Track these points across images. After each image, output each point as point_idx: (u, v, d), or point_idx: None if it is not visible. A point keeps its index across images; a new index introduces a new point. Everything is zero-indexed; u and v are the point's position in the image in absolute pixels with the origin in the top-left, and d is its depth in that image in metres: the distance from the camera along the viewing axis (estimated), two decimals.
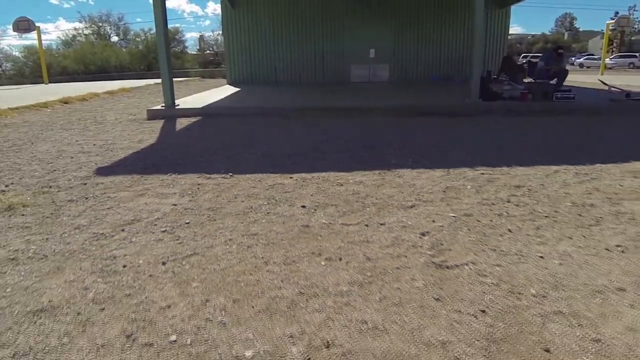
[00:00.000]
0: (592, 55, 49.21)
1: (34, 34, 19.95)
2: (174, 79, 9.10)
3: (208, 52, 48.90)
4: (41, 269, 2.10)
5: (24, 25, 20.03)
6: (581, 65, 45.43)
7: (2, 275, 2.04)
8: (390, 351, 1.48)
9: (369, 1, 17.06)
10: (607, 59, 42.66)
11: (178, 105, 8.69)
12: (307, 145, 5.12)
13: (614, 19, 25.42)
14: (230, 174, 3.85)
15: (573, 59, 50.74)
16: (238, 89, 14.24)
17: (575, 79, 18.46)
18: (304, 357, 1.45)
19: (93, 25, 45.89)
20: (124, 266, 2.11)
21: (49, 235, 2.51)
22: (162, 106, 8.43)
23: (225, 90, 13.52)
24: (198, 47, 50.10)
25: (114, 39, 47.27)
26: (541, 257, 2.22)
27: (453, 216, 2.78)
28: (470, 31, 9.31)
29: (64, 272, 2.06)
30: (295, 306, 1.75)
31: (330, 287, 1.91)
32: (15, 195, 3.28)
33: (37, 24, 19.54)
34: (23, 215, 2.86)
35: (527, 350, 1.50)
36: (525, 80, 12.17)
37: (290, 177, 3.74)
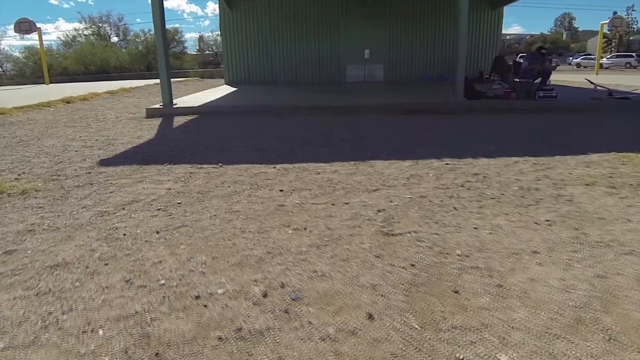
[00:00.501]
0: (590, 55, 49.53)
1: (34, 34, 20.35)
2: (173, 79, 9.54)
3: (207, 52, 49.34)
4: (55, 237, 2.52)
5: (25, 27, 20.43)
6: (578, 65, 45.76)
7: (23, 242, 2.46)
8: (331, 290, 1.90)
9: (364, 1, 17.44)
10: (604, 59, 43.05)
11: (176, 104, 9.10)
12: (295, 141, 5.54)
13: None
14: (220, 164, 4.28)
15: (571, 58, 51.11)
16: (235, 89, 14.66)
17: (566, 78, 18.88)
18: (262, 293, 1.86)
19: (93, 26, 46.35)
20: (124, 234, 2.53)
21: (60, 213, 2.93)
22: (160, 105, 8.84)
23: (223, 90, 13.94)
24: (197, 48, 50.54)
25: (114, 39, 47.73)
26: (475, 228, 2.64)
27: (409, 197, 3.20)
28: (455, 32, 9.68)
29: (74, 239, 2.48)
30: (262, 261, 2.17)
31: (293, 248, 2.33)
32: (28, 182, 3.70)
33: (37, 25, 19.94)
34: (36, 198, 3.28)
35: (440, 291, 1.92)
36: (516, 80, 12.53)
37: (274, 167, 4.16)
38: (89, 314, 1.73)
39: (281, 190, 3.40)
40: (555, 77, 19.01)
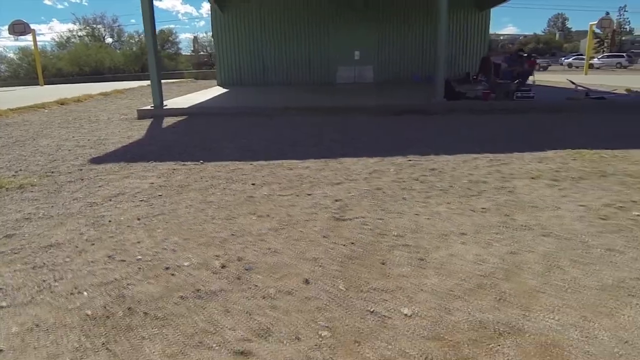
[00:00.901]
0: (581, 55, 50.05)
1: (28, 35, 20.61)
2: (167, 81, 9.89)
3: (202, 53, 49.56)
4: (49, 224, 2.89)
5: (19, 29, 20.70)
6: (569, 65, 46.18)
7: (21, 227, 2.83)
8: (279, 262, 2.28)
9: (354, 4, 17.81)
10: (596, 59, 43.61)
11: (166, 105, 9.45)
12: (276, 140, 5.92)
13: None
14: (201, 161, 4.65)
15: (562, 59, 51.71)
16: (226, 90, 15.02)
17: (553, 78, 19.33)
18: (221, 265, 2.24)
19: (87, 27, 46.52)
20: (110, 221, 2.90)
21: (53, 204, 3.29)
22: (151, 106, 9.19)
23: (214, 92, 14.29)
24: (192, 49, 50.76)
25: (108, 40, 47.91)
26: (416, 214, 3.03)
27: (366, 189, 3.59)
28: (437, 35, 10.05)
29: (66, 225, 2.85)
30: (225, 241, 2.55)
31: (254, 231, 2.71)
32: (25, 178, 4.06)
33: (31, 26, 20.20)
34: (32, 191, 3.65)
35: (370, 263, 2.31)
36: (498, 81, 12.91)
37: (251, 164, 4.54)
38: (76, 281, 2.11)
39: (253, 184, 3.78)
40: (542, 78, 19.47)
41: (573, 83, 14.17)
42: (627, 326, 1.81)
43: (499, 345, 1.65)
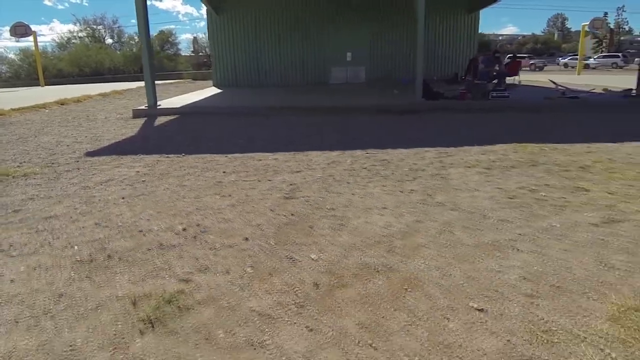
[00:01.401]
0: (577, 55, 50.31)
1: (29, 36, 21.29)
2: (165, 81, 10.51)
3: (201, 54, 50.17)
4: (49, 202, 3.53)
5: (20, 31, 21.41)
6: (565, 65, 46.54)
7: (26, 205, 3.47)
8: (229, 227, 2.92)
9: (349, 4, 18.39)
10: (592, 59, 44.10)
11: (160, 105, 10.09)
12: (256, 136, 6.55)
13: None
14: (183, 154, 5.29)
15: (559, 59, 52.21)
16: (221, 91, 15.66)
17: (539, 78, 19.89)
18: (183, 228, 2.88)
19: (87, 28, 47.23)
20: (99, 200, 3.54)
21: (53, 188, 3.94)
22: (145, 106, 9.83)
23: (209, 92, 14.93)
24: (192, 49, 51.39)
25: (109, 41, 48.61)
26: (353, 194, 3.66)
27: (320, 176, 4.22)
28: (426, 38, 10.62)
29: (63, 203, 3.49)
30: (190, 213, 3.19)
31: (215, 206, 3.35)
32: (28, 168, 4.70)
33: (31, 26, 20.89)
34: (35, 179, 4.29)
35: (301, 227, 2.94)
36: (476, 81, 13.50)
37: (226, 156, 5.17)
38: (70, 239, 2.75)
39: (224, 172, 4.42)
40: (530, 77, 20.08)
41: (554, 83, 14.77)
42: (480, 269, 2.43)
43: (373, 277, 2.28)
